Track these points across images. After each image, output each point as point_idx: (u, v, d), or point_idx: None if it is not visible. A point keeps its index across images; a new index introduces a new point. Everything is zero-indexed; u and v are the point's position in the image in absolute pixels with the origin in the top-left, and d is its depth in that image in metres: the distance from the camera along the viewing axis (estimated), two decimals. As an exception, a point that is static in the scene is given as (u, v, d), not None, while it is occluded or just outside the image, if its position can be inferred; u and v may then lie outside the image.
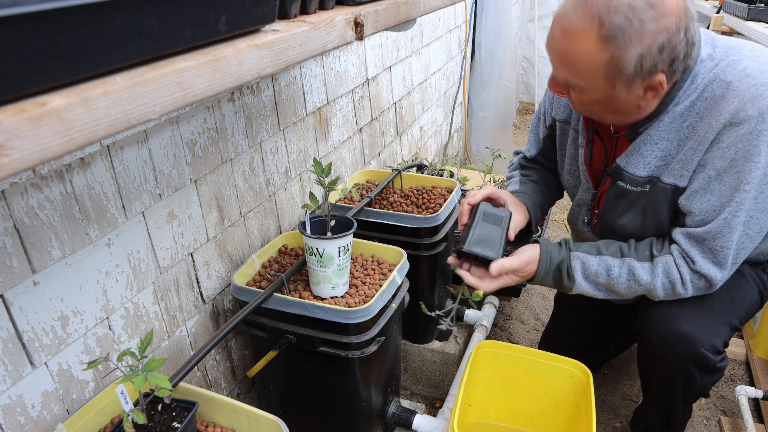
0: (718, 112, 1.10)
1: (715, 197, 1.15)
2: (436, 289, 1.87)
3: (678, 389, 1.36)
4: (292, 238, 1.65)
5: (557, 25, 1.09)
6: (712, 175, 1.13)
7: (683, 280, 1.23)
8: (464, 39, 3.57)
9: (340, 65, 2.00)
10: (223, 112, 1.43)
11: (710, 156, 1.13)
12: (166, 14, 0.59)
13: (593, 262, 1.28)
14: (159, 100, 0.59)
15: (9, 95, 0.47)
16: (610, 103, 1.13)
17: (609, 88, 1.08)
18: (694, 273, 1.22)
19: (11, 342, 0.98)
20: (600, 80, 1.07)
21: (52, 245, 1.02)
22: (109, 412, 1.11)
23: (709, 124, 1.12)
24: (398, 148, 2.72)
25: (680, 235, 1.22)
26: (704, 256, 1.20)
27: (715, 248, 1.18)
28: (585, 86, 1.10)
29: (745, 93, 1.07)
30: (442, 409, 1.67)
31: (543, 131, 1.58)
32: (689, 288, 1.23)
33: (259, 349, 1.43)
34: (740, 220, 1.14)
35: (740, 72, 1.09)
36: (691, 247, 1.21)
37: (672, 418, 1.47)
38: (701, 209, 1.17)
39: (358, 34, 1.00)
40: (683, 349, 1.27)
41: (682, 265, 1.23)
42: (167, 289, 1.33)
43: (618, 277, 1.26)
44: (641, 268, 1.25)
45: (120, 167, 1.15)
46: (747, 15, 2.59)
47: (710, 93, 1.12)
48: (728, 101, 1.09)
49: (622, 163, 1.27)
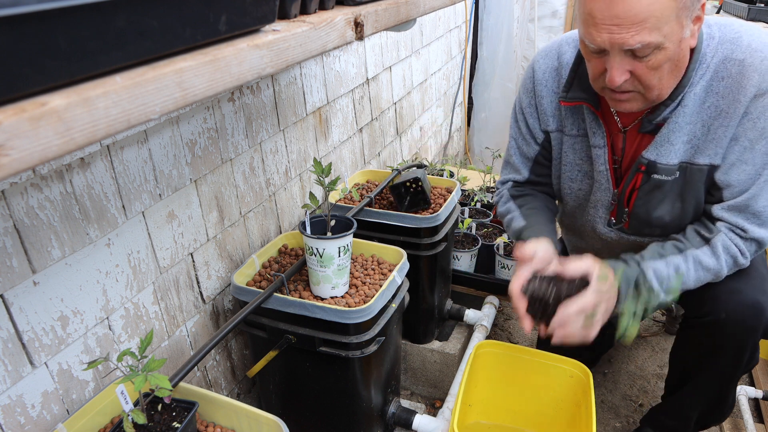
0: (742, 88, 1.15)
1: (750, 166, 1.19)
2: (436, 289, 1.87)
3: (742, 365, 1.36)
4: (292, 238, 1.65)
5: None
6: (747, 146, 1.18)
7: (742, 252, 1.25)
8: (464, 39, 3.57)
9: (340, 65, 2.00)
10: (223, 112, 1.43)
11: (742, 129, 1.18)
12: (166, 14, 0.59)
13: (662, 266, 1.25)
14: (159, 100, 0.59)
15: (9, 95, 0.47)
16: (677, 54, 1.10)
17: (680, 28, 1.06)
18: (747, 241, 1.25)
19: (11, 342, 0.98)
20: (673, 21, 1.05)
21: (52, 245, 1.02)
22: (109, 412, 1.11)
23: (737, 100, 1.16)
24: (398, 148, 2.72)
25: (722, 210, 1.25)
26: (752, 222, 1.23)
27: (757, 210, 1.22)
28: (662, 38, 1.05)
29: (760, 66, 1.14)
30: (442, 409, 1.67)
31: (534, 150, 1.49)
32: (748, 257, 1.26)
33: (259, 349, 1.43)
34: None
35: (746, 48, 1.15)
36: (737, 218, 1.24)
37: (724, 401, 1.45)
38: (739, 180, 1.21)
39: (358, 34, 1.00)
40: (756, 320, 1.28)
41: (735, 237, 1.25)
42: (167, 289, 1.33)
43: (687, 272, 1.25)
44: (704, 254, 1.26)
45: (120, 167, 1.15)
46: (747, 15, 2.60)
47: (726, 73, 1.17)
48: (748, 77, 1.14)
49: (653, 156, 1.27)
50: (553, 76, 1.39)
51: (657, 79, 1.12)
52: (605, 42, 1.07)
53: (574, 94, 1.31)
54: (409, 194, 1.78)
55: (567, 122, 1.39)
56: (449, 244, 1.88)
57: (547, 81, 1.40)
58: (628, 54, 1.08)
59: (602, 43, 1.08)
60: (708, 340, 1.36)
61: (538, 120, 1.44)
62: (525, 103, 1.46)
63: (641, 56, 1.08)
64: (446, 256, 1.89)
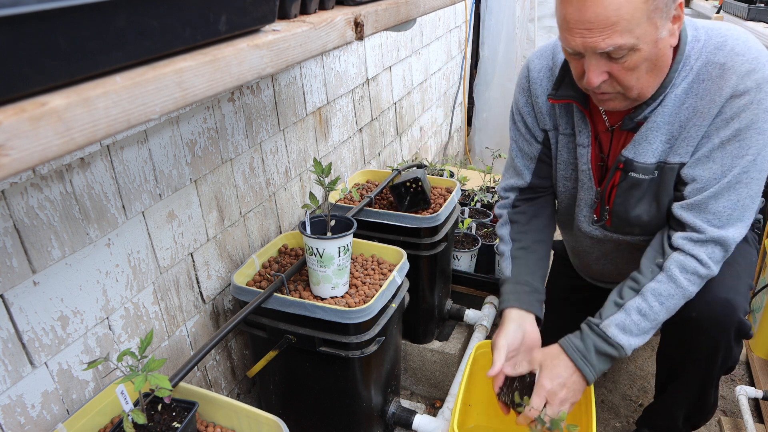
0: (719, 89, 1.16)
1: (718, 165, 1.18)
2: (436, 289, 1.87)
3: (717, 364, 1.35)
4: (292, 238, 1.65)
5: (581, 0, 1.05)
6: (717, 144, 1.18)
7: (702, 262, 1.22)
8: (464, 39, 3.57)
9: (340, 65, 2.00)
10: (223, 112, 1.43)
11: (714, 127, 1.18)
12: (166, 14, 0.59)
13: (622, 318, 1.24)
14: (159, 100, 0.59)
15: (9, 95, 0.47)
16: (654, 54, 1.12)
17: (654, 29, 1.08)
18: (705, 244, 1.22)
19: (11, 342, 0.98)
20: (645, 23, 1.06)
21: (52, 245, 1.02)
22: (109, 412, 1.11)
23: (712, 100, 1.17)
24: (398, 148, 2.72)
25: (681, 209, 1.24)
26: (710, 223, 1.21)
27: (717, 210, 1.20)
28: (635, 40, 1.07)
29: (740, 68, 1.14)
30: (442, 409, 1.67)
31: (536, 149, 1.50)
32: (711, 264, 1.22)
33: (259, 349, 1.43)
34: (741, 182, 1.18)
35: (729, 52, 1.16)
36: (695, 218, 1.22)
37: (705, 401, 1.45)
38: (703, 176, 1.20)
39: (358, 34, 1.00)
40: (726, 318, 1.27)
41: (691, 247, 1.22)
42: (167, 289, 1.33)
43: (651, 309, 1.23)
44: (659, 283, 1.24)
45: (120, 167, 1.15)
46: (747, 15, 2.59)
47: (706, 75, 1.18)
48: (727, 79, 1.15)
49: (631, 154, 1.28)
50: (548, 76, 1.41)
51: (635, 80, 1.14)
52: (579, 46, 1.10)
53: (563, 92, 1.33)
54: (409, 194, 1.78)
55: (561, 121, 1.41)
56: (449, 244, 1.88)
57: (541, 80, 1.41)
58: (604, 56, 1.11)
59: (576, 46, 1.11)
60: (683, 338, 1.37)
61: (535, 119, 1.46)
62: (522, 103, 1.47)
63: (617, 58, 1.10)
64: (446, 256, 1.89)
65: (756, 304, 2.06)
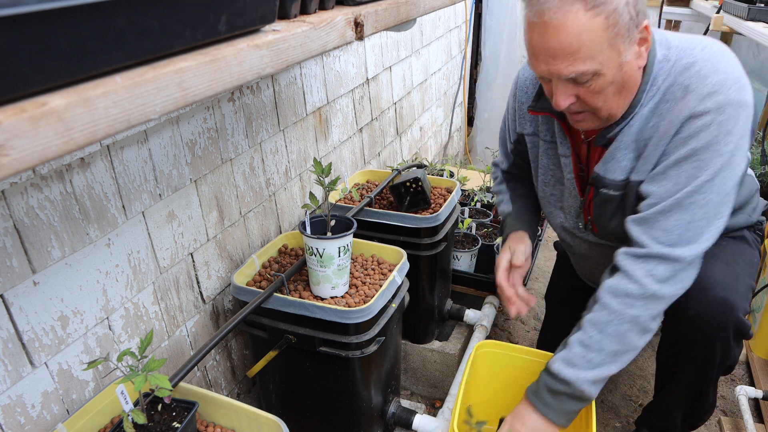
0: (679, 110, 1.16)
1: (672, 183, 1.18)
2: (436, 289, 1.87)
3: (715, 363, 1.34)
4: (292, 238, 1.65)
5: (543, 29, 1.08)
6: (671, 162, 1.18)
7: (633, 279, 1.20)
8: (464, 39, 3.57)
9: (340, 65, 2.00)
10: (223, 112, 1.43)
11: (672, 146, 1.18)
12: (166, 14, 0.59)
13: (565, 353, 1.26)
14: (159, 100, 0.59)
15: (9, 95, 0.47)
16: (620, 77, 1.14)
17: (616, 54, 1.10)
18: (646, 260, 1.20)
19: (11, 342, 0.98)
20: (607, 49, 1.08)
21: (52, 245, 1.02)
22: (109, 412, 1.11)
23: (671, 121, 1.17)
24: (398, 148, 2.72)
25: (632, 222, 1.24)
26: (657, 240, 1.19)
27: (667, 228, 1.18)
28: (598, 65, 1.09)
29: (701, 90, 1.14)
30: (442, 409, 1.67)
31: (509, 146, 1.62)
32: (647, 282, 1.19)
33: (259, 349, 1.43)
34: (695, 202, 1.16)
35: (695, 74, 1.16)
36: (642, 234, 1.21)
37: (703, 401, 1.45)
38: (657, 192, 1.20)
39: (358, 34, 1.00)
40: (724, 317, 1.27)
41: (628, 262, 1.21)
42: (167, 289, 1.33)
43: (591, 339, 1.23)
44: (595, 313, 1.24)
45: (120, 167, 1.15)
46: (747, 15, 2.59)
47: (671, 96, 1.18)
48: (687, 100, 1.15)
49: (601, 171, 1.31)
50: (533, 85, 1.46)
51: (602, 102, 1.17)
52: (544, 72, 1.14)
53: (542, 104, 1.37)
54: (409, 194, 1.79)
55: (542, 128, 1.46)
56: (449, 244, 1.88)
57: (527, 88, 1.48)
58: (570, 81, 1.13)
59: (542, 72, 1.15)
60: (681, 336, 1.37)
61: (515, 122, 1.54)
62: (510, 105, 1.58)
63: (582, 82, 1.13)
64: (446, 256, 1.89)
65: (756, 304, 2.06)
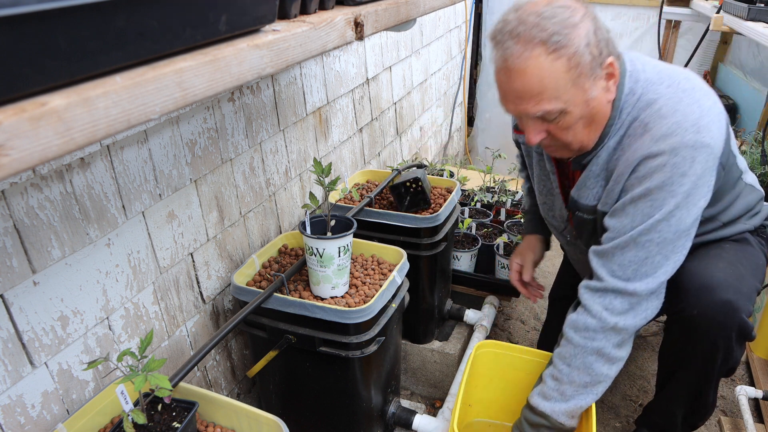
0: (636, 148, 1.20)
1: (629, 219, 1.22)
2: (436, 289, 1.87)
3: (716, 364, 1.36)
4: (292, 238, 1.65)
5: (508, 73, 1.13)
6: (629, 199, 1.22)
7: (592, 313, 1.25)
8: (464, 39, 3.57)
9: (340, 65, 2.00)
10: (223, 112, 1.43)
11: (629, 183, 1.22)
12: (166, 14, 0.59)
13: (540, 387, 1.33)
14: (159, 100, 0.59)
15: (9, 95, 0.47)
16: (588, 112, 1.18)
17: (581, 92, 1.14)
18: (603, 294, 1.25)
19: (11, 342, 0.98)
20: (572, 89, 1.13)
21: (52, 245, 1.02)
22: (109, 412, 1.11)
23: (628, 158, 1.22)
24: (398, 148, 2.72)
25: (593, 253, 1.28)
26: (613, 274, 1.24)
27: (622, 263, 1.23)
28: (563, 104, 1.14)
29: (657, 131, 1.17)
30: (442, 409, 1.68)
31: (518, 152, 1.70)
32: (605, 315, 1.24)
33: (259, 349, 1.43)
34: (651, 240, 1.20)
35: (655, 113, 1.19)
36: (600, 266, 1.26)
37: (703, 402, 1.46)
38: (616, 227, 1.24)
39: (358, 34, 1.00)
40: (728, 318, 1.28)
41: (588, 296, 1.26)
42: (167, 289, 1.33)
43: (561, 372, 1.29)
44: (562, 347, 1.30)
45: (120, 167, 1.15)
46: (747, 15, 2.59)
47: (633, 131, 1.23)
48: (644, 139, 1.19)
49: (575, 195, 1.37)
50: None
51: (572, 137, 1.22)
52: (513, 111, 1.20)
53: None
54: (409, 194, 1.79)
55: None
56: (449, 244, 1.88)
57: None
58: (539, 118, 1.18)
59: (512, 111, 1.21)
60: (683, 336, 1.38)
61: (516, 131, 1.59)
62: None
63: (550, 120, 1.17)
64: (446, 256, 1.89)
65: (756, 305, 2.06)
